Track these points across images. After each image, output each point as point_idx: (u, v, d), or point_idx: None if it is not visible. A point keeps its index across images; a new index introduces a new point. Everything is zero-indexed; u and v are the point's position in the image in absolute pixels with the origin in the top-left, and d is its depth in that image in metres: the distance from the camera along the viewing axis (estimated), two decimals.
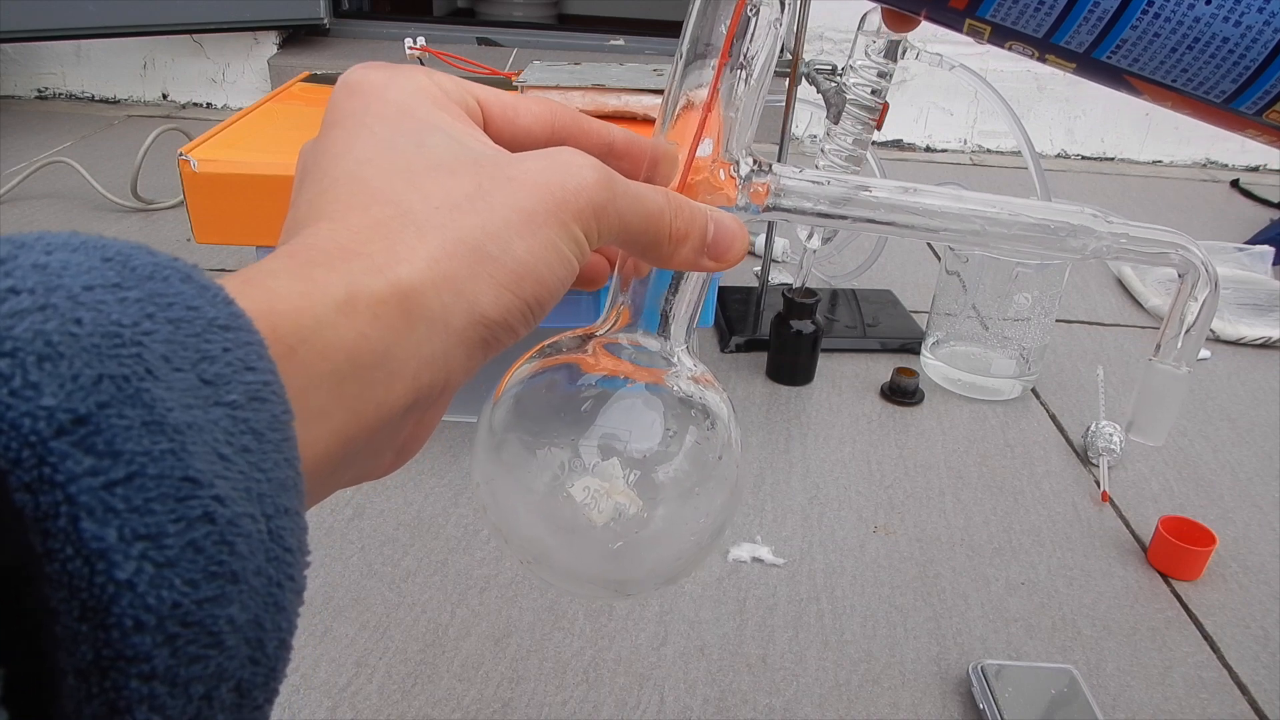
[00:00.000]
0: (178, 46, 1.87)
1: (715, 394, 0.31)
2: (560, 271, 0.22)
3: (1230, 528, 0.76)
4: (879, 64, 0.83)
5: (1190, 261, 0.31)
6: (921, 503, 0.78)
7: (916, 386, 0.92)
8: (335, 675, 0.57)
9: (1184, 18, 0.24)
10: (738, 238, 0.27)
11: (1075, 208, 0.31)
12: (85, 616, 0.13)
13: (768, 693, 0.58)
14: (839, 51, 1.83)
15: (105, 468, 0.14)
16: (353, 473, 0.22)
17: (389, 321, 0.20)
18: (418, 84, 0.25)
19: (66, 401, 0.13)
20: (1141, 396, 0.34)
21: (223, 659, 0.15)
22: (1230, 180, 1.83)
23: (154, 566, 0.14)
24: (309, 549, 0.17)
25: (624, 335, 0.31)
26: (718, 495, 0.30)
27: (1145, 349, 1.07)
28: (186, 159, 0.67)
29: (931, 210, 0.30)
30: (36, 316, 0.14)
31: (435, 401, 0.22)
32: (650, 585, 0.31)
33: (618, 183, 0.24)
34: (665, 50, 1.97)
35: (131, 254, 0.16)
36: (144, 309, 0.15)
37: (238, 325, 0.17)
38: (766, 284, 1.05)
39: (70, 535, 0.13)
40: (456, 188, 0.22)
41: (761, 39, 0.28)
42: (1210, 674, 0.62)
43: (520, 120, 0.27)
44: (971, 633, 0.64)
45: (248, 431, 0.16)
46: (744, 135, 0.29)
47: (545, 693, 0.57)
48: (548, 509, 0.29)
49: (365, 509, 0.72)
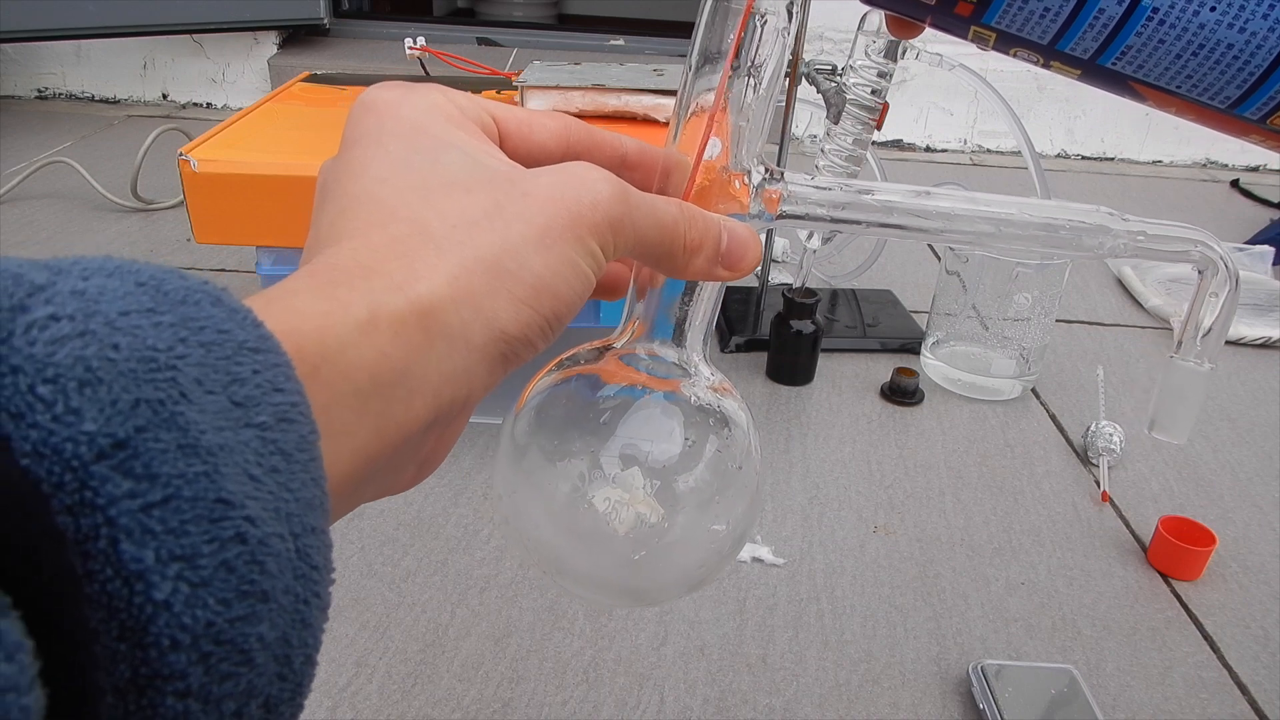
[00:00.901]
0: (178, 46, 1.87)
1: (734, 402, 0.31)
2: (577, 286, 0.23)
3: (1230, 528, 0.76)
4: (879, 64, 0.83)
5: (1209, 258, 0.31)
6: (921, 503, 0.78)
7: (916, 386, 0.92)
8: (335, 675, 0.58)
9: (1189, 24, 0.24)
10: (750, 246, 0.28)
11: (1090, 207, 0.31)
12: (124, 636, 0.14)
13: (768, 693, 0.58)
14: (839, 51, 1.83)
15: (143, 490, 0.14)
16: (375, 488, 0.23)
17: (410, 339, 0.20)
18: (432, 101, 0.25)
19: (106, 426, 0.14)
20: (1163, 394, 0.34)
21: (253, 676, 0.15)
22: (1230, 180, 1.83)
23: (189, 586, 0.14)
24: (334, 566, 0.18)
25: (641, 346, 0.31)
26: (738, 503, 0.30)
27: (1145, 349, 1.07)
28: (186, 159, 0.67)
29: (946, 213, 0.30)
30: (76, 343, 0.14)
31: (456, 417, 0.22)
32: (672, 594, 0.32)
33: (632, 196, 0.24)
34: (665, 50, 1.97)
35: (164, 279, 0.16)
36: (177, 333, 0.16)
37: (266, 348, 0.17)
38: (766, 284, 1.05)
39: (110, 557, 0.13)
40: (473, 205, 0.22)
41: (769, 47, 0.28)
42: (1210, 674, 0.62)
43: (535, 136, 0.28)
44: (971, 633, 0.64)
45: (276, 452, 0.16)
46: (754, 144, 0.29)
47: (545, 693, 0.57)
48: (569, 519, 0.29)
49: (365, 509, 0.72)
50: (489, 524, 0.71)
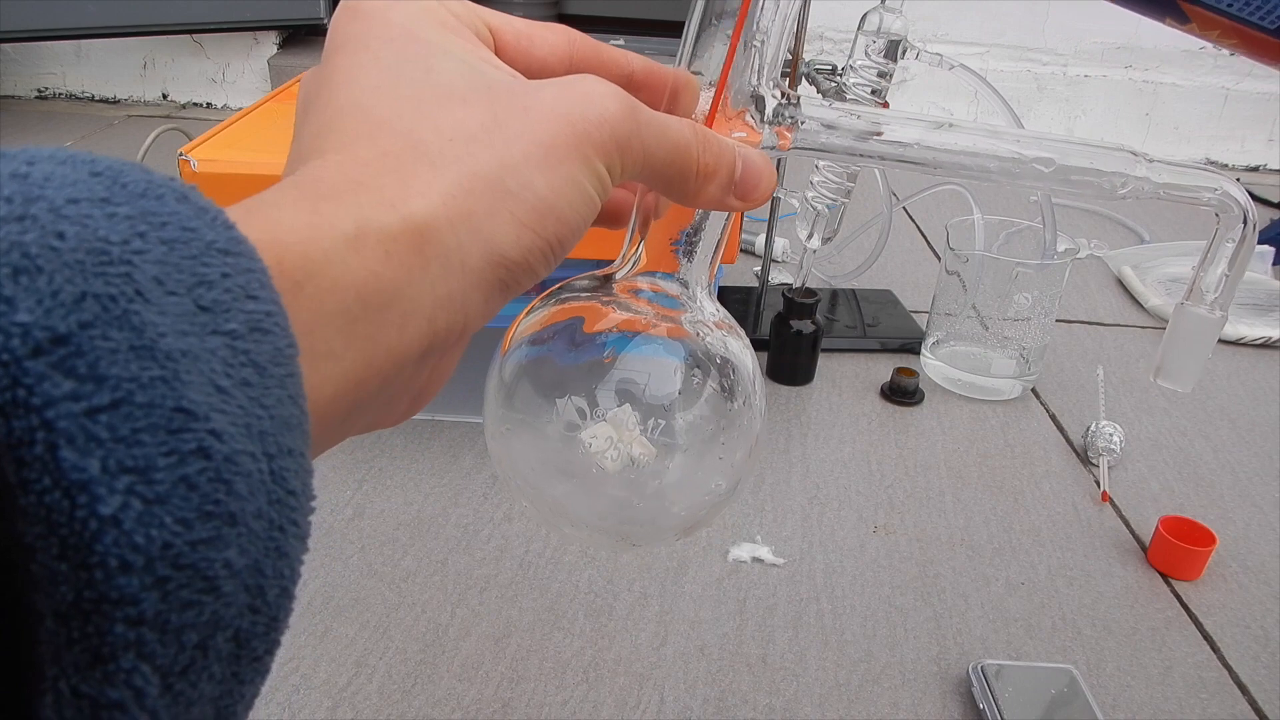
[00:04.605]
0: (178, 46, 1.87)
1: (737, 341, 0.30)
2: (583, 209, 0.21)
3: (1230, 528, 0.76)
4: (879, 64, 0.83)
5: (1225, 202, 0.31)
6: (921, 503, 0.78)
7: (916, 386, 0.92)
8: (335, 675, 0.57)
9: None
10: (765, 175, 0.26)
11: (1113, 147, 0.30)
12: (65, 555, 0.12)
13: (768, 693, 0.58)
14: (839, 51, 1.83)
15: (88, 393, 0.12)
16: (365, 420, 0.21)
17: (402, 260, 0.19)
18: (424, 6, 0.23)
19: (45, 319, 0.12)
20: (1170, 340, 0.33)
21: (219, 606, 0.14)
22: None
23: (142, 503, 0.13)
24: (314, 494, 0.16)
25: (643, 279, 0.29)
26: (737, 446, 0.29)
27: (1145, 349, 1.07)
28: (186, 159, 0.67)
29: (964, 150, 0.29)
30: (13, 227, 0.13)
31: (452, 347, 0.21)
32: (661, 537, 0.30)
33: (642, 113, 0.22)
34: (665, 50, 1.96)
35: (123, 170, 0.15)
36: (135, 227, 0.14)
37: (238, 251, 0.15)
38: (766, 284, 1.05)
39: (48, 464, 0.12)
40: (470, 118, 0.21)
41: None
42: (1210, 674, 0.62)
43: (536, 51, 0.26)
44: (971, 633, 0.64)
45: (248, 364, 0.15)
46: (774, 67, 0.27)
47: (545, 693, 0.57)
48: (560, 458, 0.27)
49: (365, 509, 0.72)
50: (489, 524, 0.71)
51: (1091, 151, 0.30)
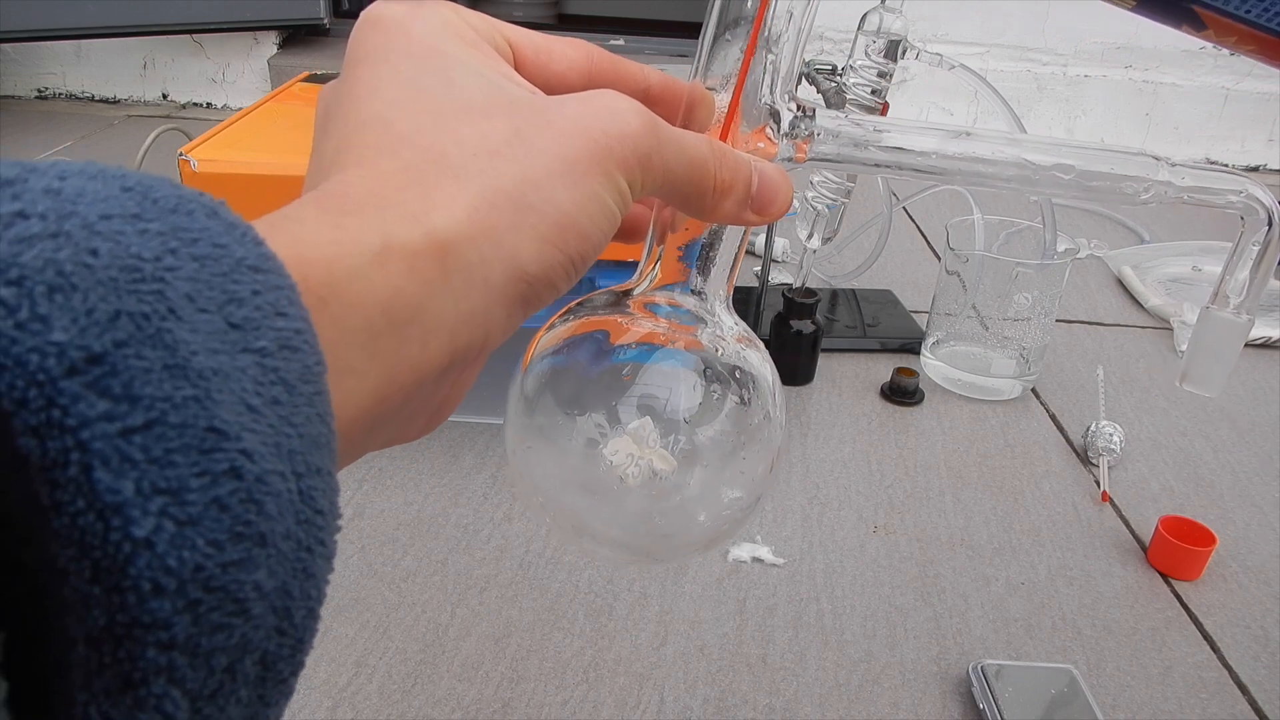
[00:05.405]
0: (178, 46, 1.87)
1: (757, 354, 0.30)
2: (604, 224, 0.21)
3: (1230, 528, 0.76)
4: (879, 64, 0.83)
5: (1251, 205, 0.30)
6: (921, 503, 0.78)
7: (916, 386, 0.92)
8: (335, 675, 0.58)
9: None
10: (782, 189, 0.26)
11: (1133, 152, 0.30)
12: (98, 578, 0.12)
13: (768, 693, 0.58)
14: (839, 51, 1.83)
15: (122, 413, 0.12)
16: (385, 435, 0.21)
17: (425, 275, 0.18)
18: (444, 18, 0.23)
19: (79, 338, 0.12)
20: (1196, 345, 0.32)
21: (248, 629, 0.13)
22: None
23: (175, 524, 0.12)
24: (340, 513, 0.16)
25: (661, 294, 0.29)
26: (758, 461, 0.28)
27: (1145, 349, 1.07)
28: (186, 159, 0.67)
29: (982, 158, 0.29)
30: (47, 244, 0.12)
31: (472, 362, 0.21)
32: (682, 552, 0.30)
33: (662, 129, 0.22)
34: (665, 50, 1.97)
35: (153, 185, 0.15)
36: (166, 243, 0.14)
37: (268, 267, 0.15)
38: (766, 284, 1.05)
39: (82, 486, 0.12)
40: (492, 131, 0.21)
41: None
42: (1210, 674, 0.62)
43: (554, 65, 0.25)
44: (971, 633, 0.64)
45: (278, 382, 0.15)
46: (789, 80, 0.27)
47: (545, 693, 0.57)
48: (581, 473, 0.27)
49: (365, 509, 0.72)
50: (489, 524, 0.71)
51: (1112, 157, 0.29)
